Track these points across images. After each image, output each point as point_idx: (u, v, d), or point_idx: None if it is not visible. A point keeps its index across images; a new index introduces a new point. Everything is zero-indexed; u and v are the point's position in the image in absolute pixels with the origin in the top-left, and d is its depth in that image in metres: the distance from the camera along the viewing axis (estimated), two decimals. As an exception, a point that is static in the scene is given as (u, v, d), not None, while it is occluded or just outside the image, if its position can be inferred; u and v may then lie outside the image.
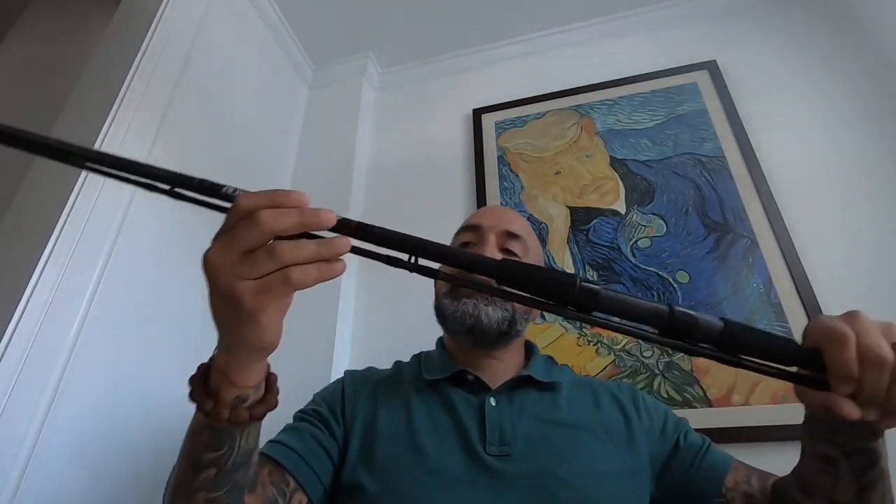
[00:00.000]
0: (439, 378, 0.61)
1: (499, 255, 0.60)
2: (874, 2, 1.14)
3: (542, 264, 0.67)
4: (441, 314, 0.63)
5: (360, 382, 0.65)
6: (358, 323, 1.16)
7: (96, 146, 0.76)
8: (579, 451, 0.54)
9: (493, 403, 0.57)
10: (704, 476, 0.56)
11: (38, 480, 0.61)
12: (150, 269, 0.84)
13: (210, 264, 0.29)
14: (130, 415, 0.76)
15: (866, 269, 0.92)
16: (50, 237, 0.68)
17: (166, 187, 0.30)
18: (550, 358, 0.69)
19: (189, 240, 0.91)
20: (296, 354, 1.01)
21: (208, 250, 0.29)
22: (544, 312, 1.04)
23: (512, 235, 0.65)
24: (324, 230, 0.29)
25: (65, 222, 0.70)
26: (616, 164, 1.17)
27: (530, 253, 0.67)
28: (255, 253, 0.28)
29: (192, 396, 0.35)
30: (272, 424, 0.49)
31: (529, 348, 0.70)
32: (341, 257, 0.30)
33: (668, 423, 0.61)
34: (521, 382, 0.60)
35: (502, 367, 0.63)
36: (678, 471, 0.57)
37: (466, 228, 0.68)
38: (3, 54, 1.18)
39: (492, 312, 0.58)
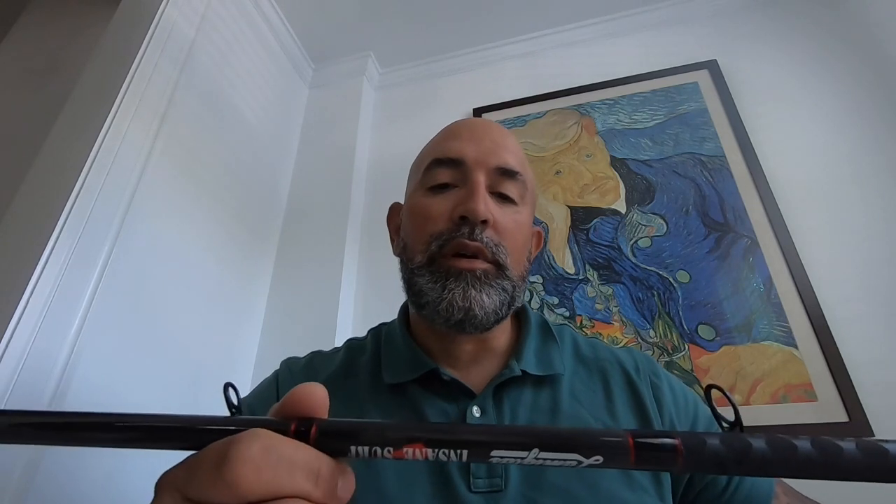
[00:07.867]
0: (404, 381, 0.45)
1: (491, 204, 0.44)
2: (874, 1, 1.14)
3: (535, 203, 0.52)
4: (416, 296, 0.45)
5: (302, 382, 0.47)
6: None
7: (96, 146, 0.76)
8: (589, 482, 0.39)
9: (477, 415, 0.43)
10: None
11: (40, 484, 0.61)
12: (152, 268, 0.84)
13: None
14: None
15: (867, 269, 0.91)
16: (50, 236, 0.68)
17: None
18: (545, 325, 0.52)
19: (193, 235, 0.90)
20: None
21: None
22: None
23: (507, 173, 0.46)
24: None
25: (65, 222, 0.70)
26: (616, 163, 1.17)
27: (527, 197, 0.48)
28: None
29: None
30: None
31: (518, 313, 0.52)
32: None
33: (697, 426, 0.47)
34: (512, 380, 0.45)
35: (488, 355, 0.48)
36: (705, 498, 0.45)
37: (442, 162, 0.47)
38: (3, 54, 1.18)
39: (487, 300, 0.42)
